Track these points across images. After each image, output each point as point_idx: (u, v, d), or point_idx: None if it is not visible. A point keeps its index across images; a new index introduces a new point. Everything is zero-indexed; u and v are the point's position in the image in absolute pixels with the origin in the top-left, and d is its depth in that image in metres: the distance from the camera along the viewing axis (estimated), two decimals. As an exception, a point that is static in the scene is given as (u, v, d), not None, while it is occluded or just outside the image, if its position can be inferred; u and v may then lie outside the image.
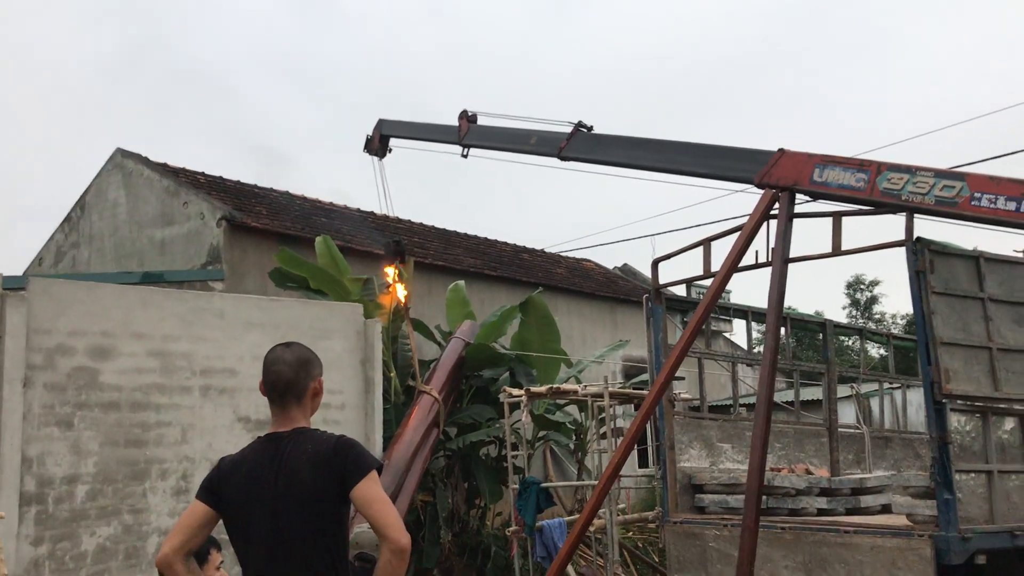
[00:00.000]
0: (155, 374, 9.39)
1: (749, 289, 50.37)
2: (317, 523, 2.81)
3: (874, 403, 13.02)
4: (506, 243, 20.71)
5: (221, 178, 16.58)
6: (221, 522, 2.97)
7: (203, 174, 16.35)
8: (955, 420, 7.21)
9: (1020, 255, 8.00)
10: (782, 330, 12.41)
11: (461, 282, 14.06)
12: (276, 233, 13.90)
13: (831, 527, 7.78)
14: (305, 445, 2.89)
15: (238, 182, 16.64)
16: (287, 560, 2.81)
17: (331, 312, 11.13)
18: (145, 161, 15.65)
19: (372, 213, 18.59)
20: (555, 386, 11.86)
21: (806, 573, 7.58)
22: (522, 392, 11.46)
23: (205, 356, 9.76)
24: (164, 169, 15.62)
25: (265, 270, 13.05)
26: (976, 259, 7.58)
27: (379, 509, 2.73)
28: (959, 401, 7.23)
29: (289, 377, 3.04)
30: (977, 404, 7.38)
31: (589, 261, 22.98)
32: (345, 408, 10.63)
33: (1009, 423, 7.66)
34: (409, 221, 18.94)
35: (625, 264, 24.17)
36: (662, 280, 9.88)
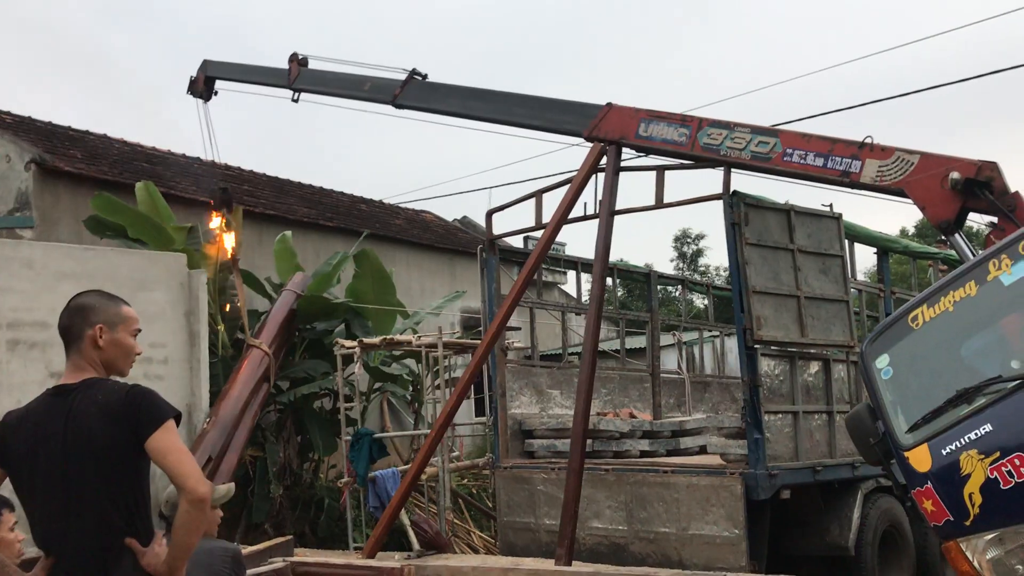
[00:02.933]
0: (-45, 326, 8.71)
1: (583, 241, 51.51)
2: (112, 478, 2.67)
3: (695, 350, 13.68)
4: (342, 193, 20.27)
5: (31, 118, 15.36)
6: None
7: (9, 114, 15.09)
8: (765, 364, 7.66)
9: (827, 209, 8.51)
10: (609, 280, 12.80)
11: (288, 232, 13.66)
12: (92, 178, 13.02)
13: (650, 467, 8.15)
14: (96, 396, 2.72)
15: (50, 123, 15.47)
16: (80, 518, 2.66)
17: (152, 262, 10.58)
18: (-60, 97, 14.34)
19: (198, 159, 17.76)
20: (389, 337, 11.79)
21: (628, 512, 7.92)
22: (355, 344, 11.33)
23: (12, 308, 9.10)
24: (-38, 107, 14.36)
25: (80, 218, 12.24)
26: (787, 212, 8.02)
27: (175, 459, 2.61)
28: (769, 347, 7.67)
29: (64, 324, 2.87)
30: (786, 349, 7.86)
31: (428, 213, 22.85)
32: (169, 362, 10.18)
33: (814, 366, 8.22)
34: (239, 168, 18.18)
35: (464, 216, 24.19)
36: (496, 231, 9.97)
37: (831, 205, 8.54)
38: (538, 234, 13.63)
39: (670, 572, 6.76)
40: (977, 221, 7.25)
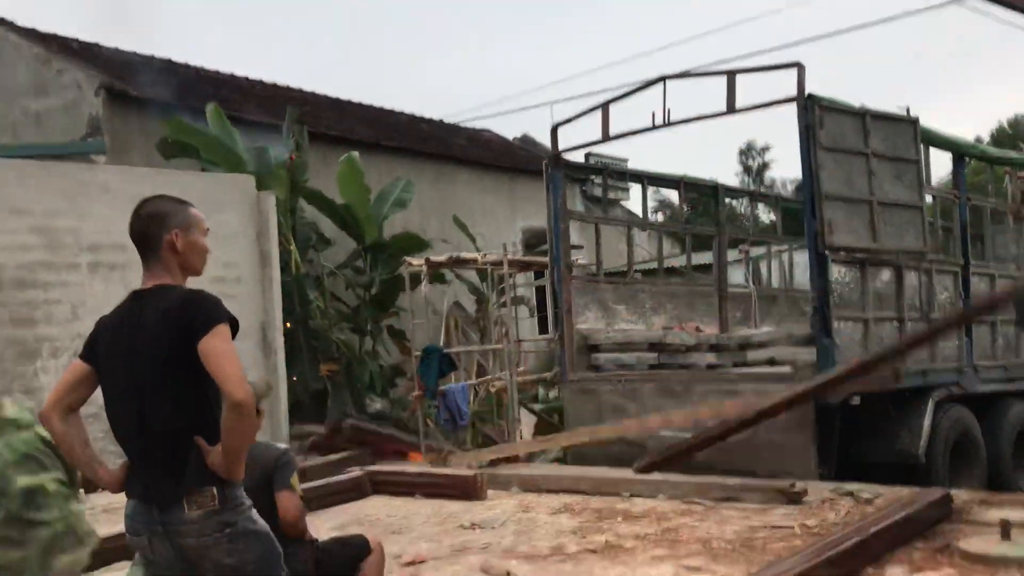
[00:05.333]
0: (39, 251, 9.02)
1: (648, 155, 50.78)
2: (174, 380, 2.75)
3: (763, 265, 13.54)
4: (403, 113, 20.26)
5: (97, 44, 15.59)
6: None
7: (77, 40, 15.33)
8: (836, 271, 7.56)
9: (903, 113, 8.27)
10: (675, 195, 12.67)
11: (355, 153, 13.74)
12: (160, 103, 13.23)
13: (717, 376, 8.17)
14: (159, 302, 2.80)
15: (116, 49, 15.67)
16: (148, 419, 2.77)
17: (223, 184, 10.78)
18: (11, 27, 14.57)
19: (260, 82, 17.88)
20: (456, 255, 11.89)
21: (696, 422, 7.96)
22: (423, 262, 11.46)
23: (92, 231, 9.39)
24: (33, 35, 14.58)
25: (150, 142, 12.47)
26: (863, 116, 7.81)
27: (218, 362, 2.64)
28: (840, 252, 7.56)
29: (139, 229, 2.91)
30: (857, 255, 7.74)
31: (488, 131, 22.74)
32: (242, 282, 10.45)
33: (885, 274, 8.09)
34: (300, 90, 18.29)
35: (525, 135, 24.02)
36: (562, 146, 9.89)
37: (907, 109, 8.30)
38: (604, 149, 13.57)
39: (739, 480, 6.85)
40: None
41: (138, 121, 13.16)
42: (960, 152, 9.12)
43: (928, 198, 8.73)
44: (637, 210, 15.07)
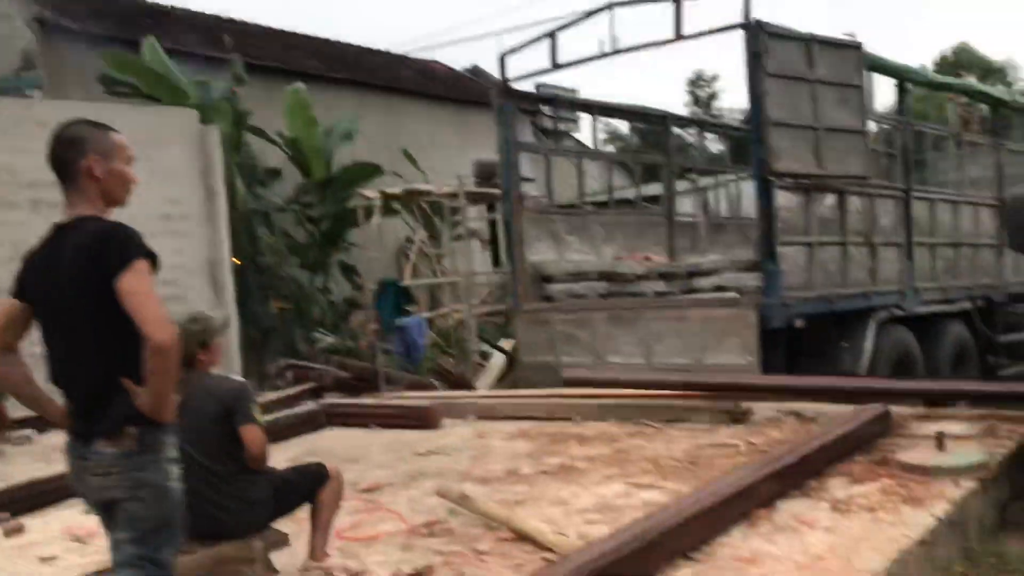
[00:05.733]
0: (-25, 189, 8.81)
1: (597, 84, 50.40)
2: (97, 319, 2.62)
3: (711, 195, 13.67)
4: (349, 44, 19.85)
5: (27, -25, 15.00)
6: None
7: (5, -30, 14.74)
8: (781, 197, 7.68)
9: (847, 39, 8.33)
10: (625, 126, 12.68)
11: (301, 85, 13.50)
12: (96, 35, 12.81)
13: (666, 303, 8.31)
14: (77, 236, 2.65)
15: (48, -21, 15.09)
16: (75, 357, 2.68)
17: (165, 118, 10.55)
18: (-66, -44, 13.93)
19: (201, 13, 17.37)
20: (410, 187, 11.84)
21: (645, 347, 8.13)
22: (376, 194, 11.40)
23: (31, 168, 9.12)
24: (-43, -36, 13.98)
25: (87, 76, 12.12)
26: (808, 42, 7.86)
27: (135, 303, 2.51)
28: (785, 178, 7.68)
29: (56, 155, 2.74)
30: (801, 181, 7.87)
31: (438, 63, 22.41)
32: (189, 219, 10.30)
33: (829, 199, 8.23)
34: (243, 21, 17.82)
35: (475, 66, 23.70)
36: (511, 76, 9.81)
37: (853, 34, 8.36)
38: (553, 80, 13.48)
39: (687, 402, 7.01)
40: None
41: (74, 55, 12.76)
42: (903, 78, 9.24)
43: (871, 124, 8.86)
44: (588, 142, 15.07)
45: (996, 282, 10.44)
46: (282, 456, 6.14)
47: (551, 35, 9.04)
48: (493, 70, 10.03)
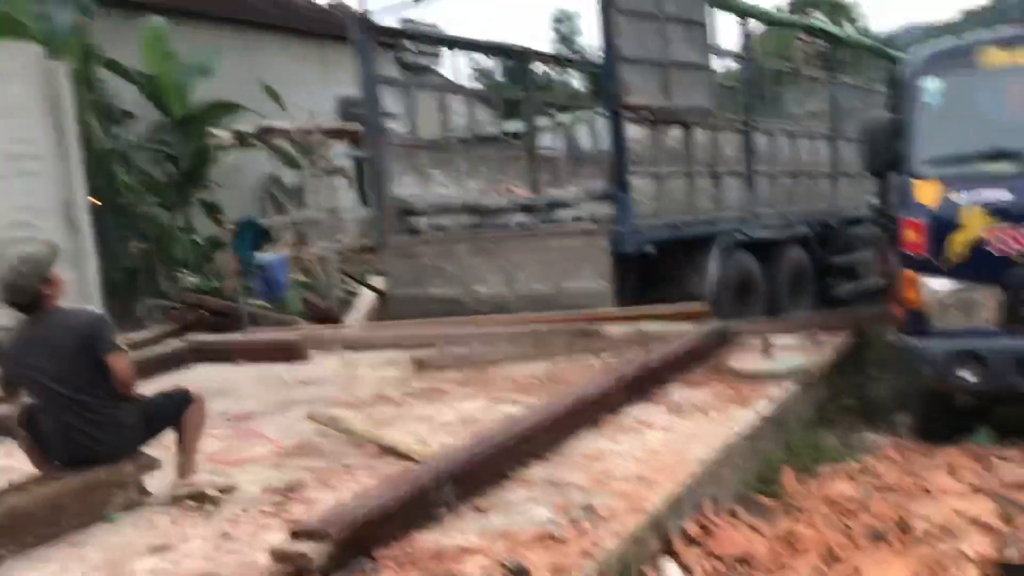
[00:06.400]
0: None
1: (459, 19, 50.04)
2: None
3: (572, 129, 14.05)
4: (203, -24, 19.12)
5: None
6: None
7: None
8: (632, 130, 8.06)
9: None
10: (489, 61, 12.86)
11: (160, 19, 13.03)
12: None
13: (526, 234, 8.65)
14: None
15: None
16: None
17: (5, 53, 10.04)
18: None
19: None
20: (265, 124, 11.70)
21: (507, 276, 8.47)
22: (229, 132, 11.23)
23: None
24: None
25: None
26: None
27: None
28: (636, 112, 8.06)
29: None
30: (651, 115, 8.27)
31: (297, -4, 21.81)
32: (40, 159, 9.89)
33: (676, 131, 8.68)
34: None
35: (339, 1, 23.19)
36: (372, 9, 9.80)
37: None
38: (419, 13, 13.44)
39: (547, 326, 7.41)
40: None
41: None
42: (744, 15, 9.73)
43: (716, 60, 9.34)
44: (451, 77, 15.13)
45: (832, 208, 11.25)
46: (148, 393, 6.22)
47: (410, -30, 9.09)
48: (355, 4, 9.97)
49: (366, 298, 10.82)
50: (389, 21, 11.01)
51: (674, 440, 4.36)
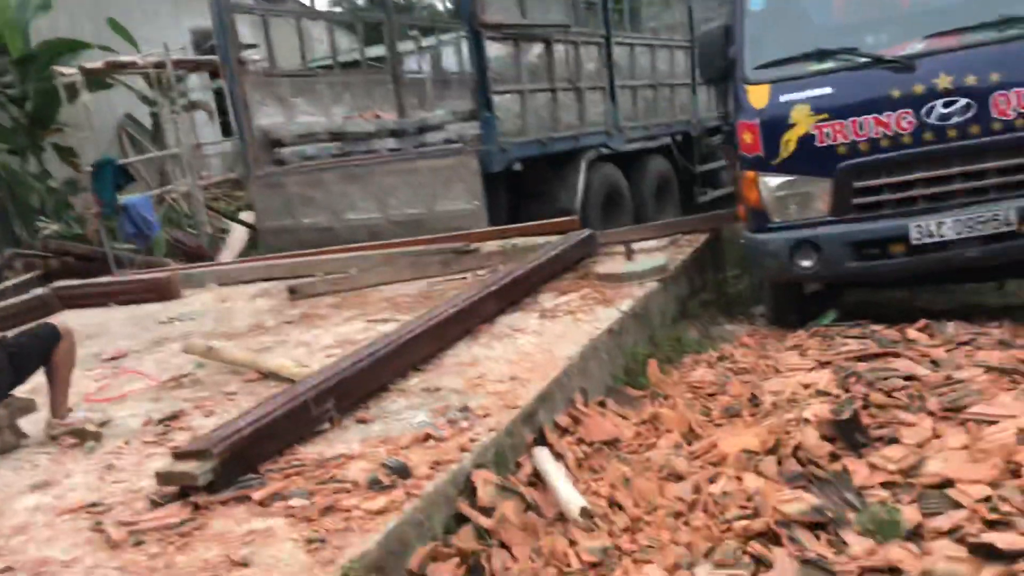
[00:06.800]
0: None
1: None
2: None
3: (437, 52, 13.95)
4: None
5: None
6: None
7: None
8: (492, 48, 8.11)
9: None
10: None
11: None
12: None
13: (395, 158, 8.66)
14: None
15: None
16: None
17: None
18: None
19: None
20: (112, 60, 11.18)
21: (379, 201, 8.48)
22: (75, 70, 10.70)
23: None
24: None
25: None
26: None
27: None
28: (494, 30, 8.09)
29: None
30: (509, 32, 8.33)
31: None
32: None
33: (536, 48, 8.78)
34: None
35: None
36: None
37: None
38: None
39: (420, 247, 7.50)
40: None
41: None
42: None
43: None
44: (308, 3, 14.71)
45: (692, 118, 11.62)
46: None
47: None
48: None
49: (237, 233, 10.65)
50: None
51: (545, 342, 4.57)
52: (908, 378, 4.07)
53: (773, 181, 5.25)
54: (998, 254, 5.09)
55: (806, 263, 5.21)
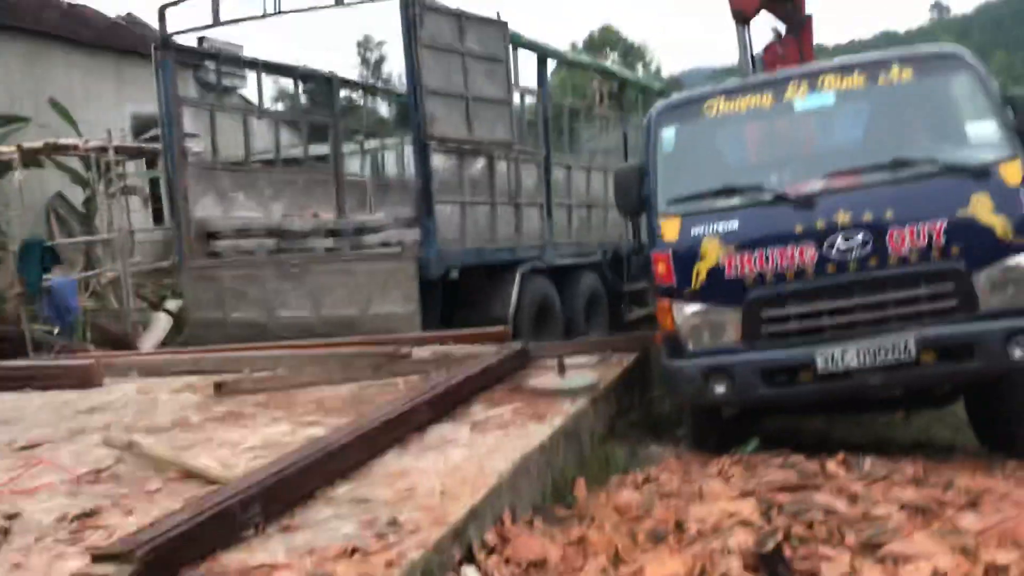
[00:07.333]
0: None
1: (264, 42, 49.01)
2: None
3: (379, 156, 14.22)
4: (-20, -19, 17.87)
5: None
6: None
7: None
8: (437, 159, 8.34)
9: (495, 17, 9.13)
10: (292, 84, 12.82)
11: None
12: None
13: (332, 258, 8.73)
14: None
15: None
16: None
17: None
18: None
19: None
20: (53, 140, 11.12)
21: (312, 300, 8.49)
22: (13, 149, 10.60)
23: None
24: None
25: None
26: (459, 17, 8.53)
27: None
28: (441, 143, 8.34)
29: None
30: (454, 145, 8.58)
31: (87, 7, 20.77)
32: None
33: (479, 162, 9.05)
34: None
35: (129, 13, 22.29)
36: (171, 29, 9.59)
37: (498, 14, 9.18)
38: (220, 34, 13.20)
39: (352, 349, 7.49)
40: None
41: None
42: (543, 55, 10.28)
43: (516, 96, 9.79)
44: (255, 99, 14.90)
45: (622, 238, 11.98)
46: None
47: (213, -10, 8.97)
48: (150, 18, 9.72)
49: (160, 322, 10.49)
50: (189, 39, 10.77)
51: (476, 456, 4.58)
52: (828, 512, 4.19)
53: (686, 310, 5.44)
54: (899, 383, 5.32)
55: (720, 389, 5.36)
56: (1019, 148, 5.25)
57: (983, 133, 5.45)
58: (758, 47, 8.09)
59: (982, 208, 5.11)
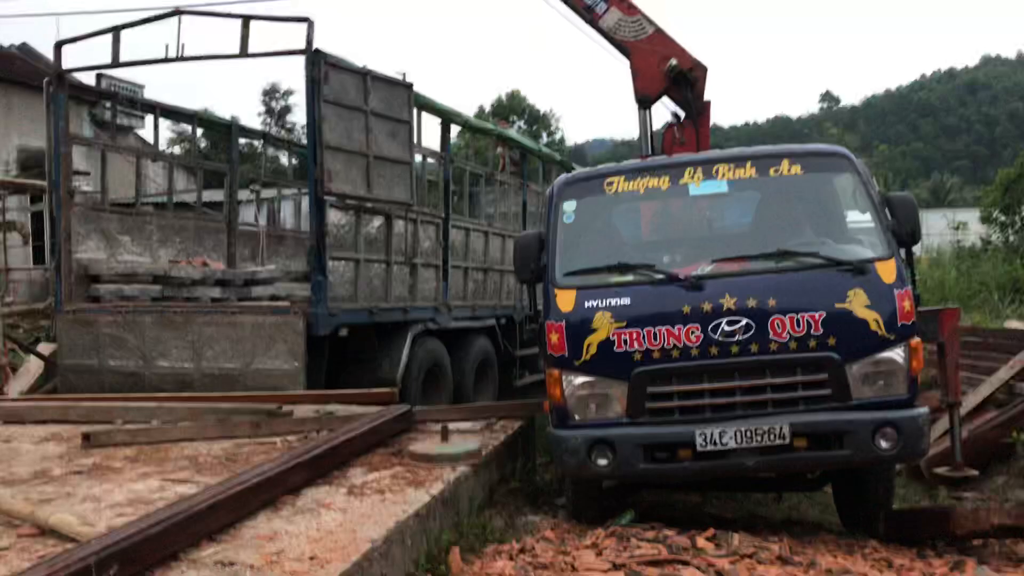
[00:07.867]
0: None
1: (164, 85, 48.21)
2: None
3: (276, 206, 14.04)
4: None
5: None
6: None
7: None
8: (333, 215, 8.30)
9: (400, 78, 9.22)
10: (190, 129, 12.61)
11: None
12: None
13: (218, 309, 8.52)
14: None
15: None
16: None
17: None
18: None
19: None
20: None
21: (194, 351, 8.25)
22: None
23: None
24: None
25: None
26: (364, 76, 8.59)
27: None
28: (338, 199, 8.31)
29: None
30: (352, 203, 8.56)
31: (-22, 36, 20.12)
32: None
33: (377, 221, 9.03)
34: None
35: (24, 43, 21.65)
36: (66, 65, 9.33)
37: (404, 75, 9.28)
38: (121, 74, 12.93)
39: (231, 404, 7.30)
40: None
41: None
42: (446, 119, 10.41)
43: (418, 157, 9.87)
44: (151, 140, 14.58)
45: (517, 303, 12.09)
46: None
47: (114, 31, 8.80)
48: (46, 50, 9.45)
49: (31, 366, 9.99)
50: (87, 76, 10.50)
51: (349, 521, 4.50)
52: (695, 587, 4.26)
53: (575, 381, 5.53)
54: (774, 466, 5.50)
55: (602, 462, 5.43)
56: (895, 248, 5.58)
57: (862, 231, 5.77)
58: (657, 123, 8.48)
59: (858, 303, 5.38)
